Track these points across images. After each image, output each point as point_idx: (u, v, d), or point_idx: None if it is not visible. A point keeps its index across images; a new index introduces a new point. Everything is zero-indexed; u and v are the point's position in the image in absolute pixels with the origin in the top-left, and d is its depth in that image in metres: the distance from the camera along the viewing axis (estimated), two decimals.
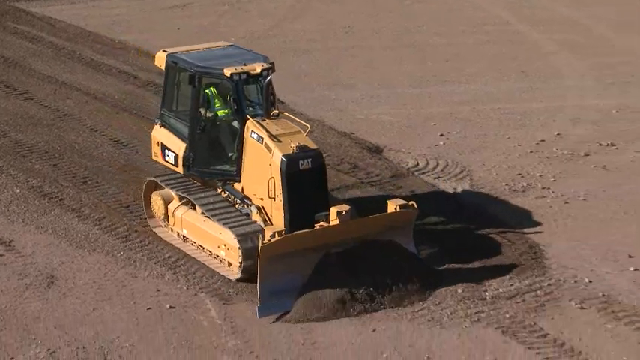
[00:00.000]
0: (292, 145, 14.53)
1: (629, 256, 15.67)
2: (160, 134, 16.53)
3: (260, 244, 13.67)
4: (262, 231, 14.23)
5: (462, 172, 19.09)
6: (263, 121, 15.01)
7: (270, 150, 14.60)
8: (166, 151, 16.31)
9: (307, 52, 27.23)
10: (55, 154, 20.01)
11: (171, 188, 16.11)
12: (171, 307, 14.44)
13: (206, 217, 15.44)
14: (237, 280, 14.78)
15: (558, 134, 21.01)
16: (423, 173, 19.07)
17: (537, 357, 13.02)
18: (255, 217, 15.00)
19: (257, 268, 13.78)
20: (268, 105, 15.17)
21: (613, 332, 13.56)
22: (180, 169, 16.08)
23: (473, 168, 19.23)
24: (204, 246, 15.58)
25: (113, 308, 14.39)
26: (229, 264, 15.07)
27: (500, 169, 19.18)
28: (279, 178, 14.43)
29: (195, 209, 15.80)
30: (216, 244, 15.24)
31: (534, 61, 26.20)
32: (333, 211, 14.19)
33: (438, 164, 19.45)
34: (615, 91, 23.67)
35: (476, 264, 15.23)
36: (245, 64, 15.32)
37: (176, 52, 16.19)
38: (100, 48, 27.52)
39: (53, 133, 21.09)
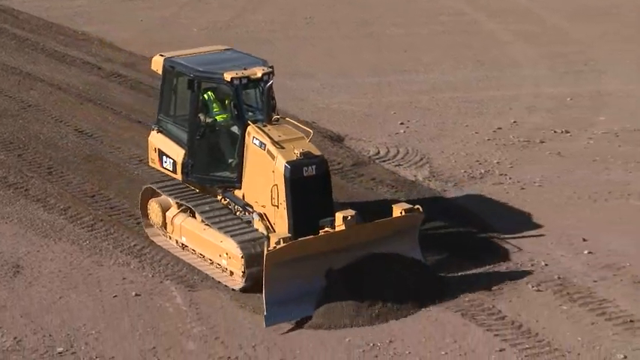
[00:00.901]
0: (296, 151, 13.94)
1: (584, 240, 15.83)
2: (157, 140, 15.75)
3: (265, 251, 13.08)
4: (267, 238, 13.66)
5: (421, 159, 19.16)
6: (264, 126, 14.37)
7: (273, 156, 13.97)
8: (164, 157, 15.53)
9: (268, 42, 27.12)
10: (20, 144, 19.79)
11: (170, 195, 15.40)
12: (137, 294, 14.35)
13: (206, 224, 14.82)
14: (241, 290, 14.10)
15: (514, 122, 21.15)
16: (384, 161, 19.11)
17: (496, 339, 13.13)
18: (258, 224, 14.32)
19: (262, 276, 13.14)
20: (269, 110, 14.55)
21: (568, 314, 13.71)
22: (178, 176, 15.33)
23: (432, 155, 19.31)
24: (204, 254, 14.91)
25: (79, 296, 14.28)
26: (231, 273, 14.40)
27: (459, 157, 19.27)
28: (283, 185, 13.83)
29: (194, 217, 15.14)
30: (217, 252, 14.60)
31: (490, 50, 26.35)
32: (339, 216, 13.59)
33: (398, 152, 19.51)
34: (569, 80, 23.87)
35: (434, 249, 15.28)
36: (245, 69, 14.65)
37: (173, 56, 15.52)
38: (63, 39, 27.23)
39: (18, 124, 20.85)
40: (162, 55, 15.69)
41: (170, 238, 15.51)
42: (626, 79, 23.78)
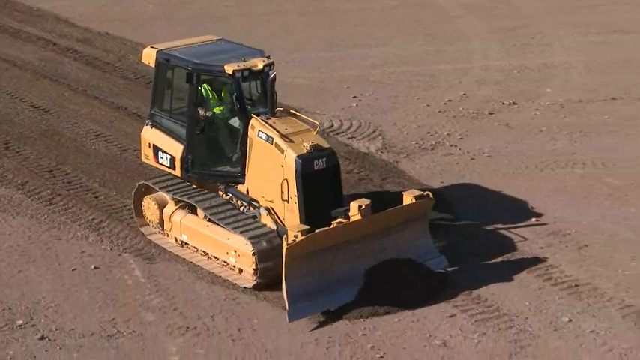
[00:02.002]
0: (305, 144, 13.41)
1: (531, 208, 16.01)
2: (151, 135, 14.87)
3: (285, 245, 12.54)
4: (280, 233, 13.28)
5: (374, 131, 19.20)
6: (269, 119, 13.79)
7: (282, 150, 13.44)
8: (160, 153, 14.70)
9: (223, 18, 26.90)
10: None
11: (169, 192, 14.61)
12: (95, 267, 14.26)
13: (209, 221, 14.11)
14: (253, 287, 13.49)
15: (464, 94, 21.26)
16: (338, 134, 19.12)
17: (447, 305, 13.25)
18: (265, 219, 13.78)
19: (282, 271, 12.60)
20: (273, 102, 13.99)
21: (516, 279, 13.87)
22: (177, 172, 14.54)
23: (384, 128, 19.36)
24: (208, 252, 14.16)
25: (38, 270, 14.15)
26: (240, 270, 13.76)
27: (411, 129, 19.34)
28: (294, 180, 13.31)
29: (194, 213, 14.40)
30: (224, 250, 13.89)
31: (441, 24, 26.40)
32: (354, 205, 13.18)
33: (351, 125, 19.52)
34: (516, 53, 24.02)
35: None
36: (245, 60, 14.03)
37: (166, 49, 14.65)
38: (18, 16, 26.76)
39: None
40: (154, 48, 14.80)
41: (168, 235, 14.68)
42: (571, 52, 24.00)
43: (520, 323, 12.80)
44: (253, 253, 13.45)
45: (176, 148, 14.52)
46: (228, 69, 13.87)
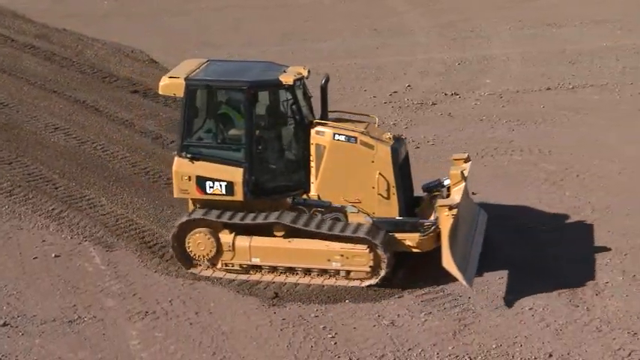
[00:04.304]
0: (385, 136, 13.48)
1: (473, 193, 16.11)
2: (191, 168, 13.49)
3: (446, 224, 12.64)
4: (386, 223, 13.16)
5: None
6: (329, 122, 13.53)
7: (371, 146, 13.27)
8: (209, 182, 13.46)
9: (179, 12, 26.67)
10: None
11: (231, 219, 13.31)
12: (56, 255, 14.08)
13: (288, 236, 13.18)
14: (375, 284, 13.03)
15: (409, 86, 21.35)
16: None
17: (395, 286, 13.31)
18: (354, 217, 13.39)
19: (443, 246, 12.63)
20: (326, 108, 13.69)
21: None
22: (238, 197, 13.41)
23: None
24: (295, 266, 13.28)
25: (0, 259, 13.91)
26: (348, 272, 13.16)
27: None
28: (391, 171, 13.24)
29: (255, 234, 13.29)
30: (323, 257, 13.10)
31: (386, 19, 26.46)
32: (455, 173, 13.52)
33: None
34: (457, 46, 24.18)
35: None
36: (285, 71, 13.57)
37: (192, 76, 13.47)
38: None
39: None
40: (174, 77, 13.52)
41: (226, 265, 13.47)
42: (508, 44, 24.22)
43: (464, 302, 12.92)
44: (372, 247, 12.98)
45: (233, 173, 13.40)
46: (287, 79, 13.36)
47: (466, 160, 14.21)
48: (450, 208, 12.88)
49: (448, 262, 12.68)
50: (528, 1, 28.00)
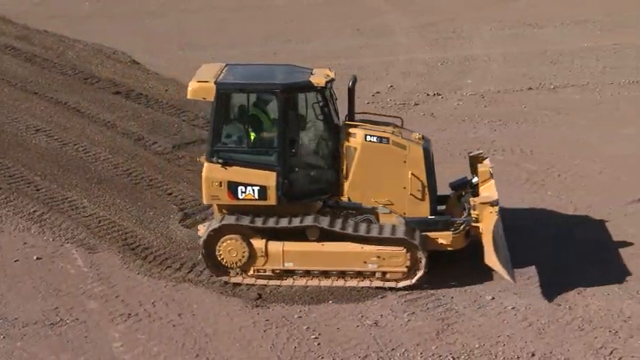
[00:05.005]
0: (414, 136, 13.48)
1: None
2: (222, 173, 13.19)
3: (490, 214, 12.71)
4: (417, 223, 13.14)
5: None
6: (359, 123, 13.46)
7: (404, 147, 13.23)
8: (241, 187, 13.17)
9: (160, 14, 26.56)
10: None
11: (265, 223, 13.13)
12: (38, 258, 13.96)
13: (324, 239, 13.02)
14: (412, 285, 13.00)
15: (391, 86, 21.34)
16: None
17: (378, 286, 13.30)
18: (386, 217, 13.29)
19: (486, 243, 12.72)
20: (353, 109, 13.60)
21: (442, 261, 13.92)
22: (271, 201, 13.16)
23: None
24: (330, 269, 13.13)
25: None
26: (384, 274, 13.08)
27: (341, 120, 19.29)
28: (423, 171, 13.24)
29: (286, 239, 13.13)
30: (359, 259, 12.99)
31: (368, 19, 26.45)
32: (484, 170, 13.71)
33: None
34: (439, 47, 24.20)
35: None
36: (312, 73, 13.44)
37: (221, 79, 13.24)
38: None
39: None
40: (202, 82, 13.25)
41: (257, 271, 13.24)
42: (489, 45, 24.27)
43: (447, 302, 12.91)
44: (409, 248, 12.93)
45: (266, 177, 13.16)
46: (319, 81, 13.19)
47: (483, 157, 14.24)
48: (492, 204, 12.88)
49: (491, 260, 12.74)
50: (509, 2, 28.07)
